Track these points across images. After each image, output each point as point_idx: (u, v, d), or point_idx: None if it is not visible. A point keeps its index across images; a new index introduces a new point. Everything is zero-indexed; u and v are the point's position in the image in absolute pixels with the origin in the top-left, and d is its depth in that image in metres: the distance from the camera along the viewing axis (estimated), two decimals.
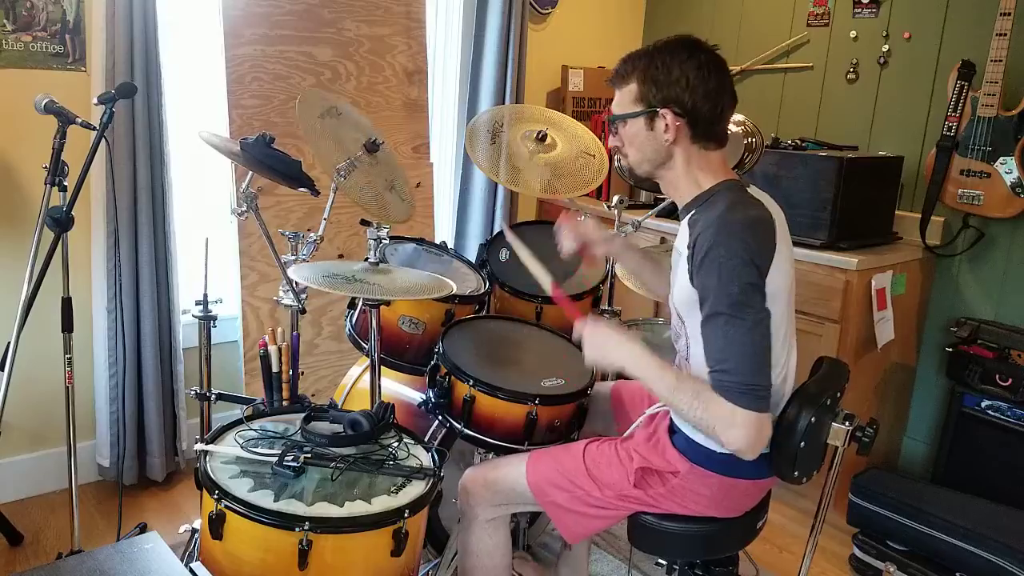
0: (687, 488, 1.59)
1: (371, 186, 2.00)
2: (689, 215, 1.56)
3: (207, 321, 2.00)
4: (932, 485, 2.68)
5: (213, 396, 2.06)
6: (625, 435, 1.73)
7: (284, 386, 1.94)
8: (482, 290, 2.26)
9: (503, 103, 3.39)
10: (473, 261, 2.44)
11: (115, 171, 2.49)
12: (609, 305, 2.44)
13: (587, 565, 2.17)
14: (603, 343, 1.58)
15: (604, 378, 2.13)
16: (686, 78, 1.49)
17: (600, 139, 3.47)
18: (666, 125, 1.52)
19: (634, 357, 1.53)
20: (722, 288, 1.40)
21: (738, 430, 1.39)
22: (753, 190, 1.57)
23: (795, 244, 1.65)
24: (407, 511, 1.46)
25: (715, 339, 1.42)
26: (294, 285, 1.96)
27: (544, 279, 1.80)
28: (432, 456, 1.66)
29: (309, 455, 1.57)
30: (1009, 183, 2.65)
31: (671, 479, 1.60)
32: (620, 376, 1.70)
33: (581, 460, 1.68)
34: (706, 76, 1.49)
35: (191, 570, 1.29)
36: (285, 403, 1.94)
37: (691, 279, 1.47)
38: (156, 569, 1.26)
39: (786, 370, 1.59)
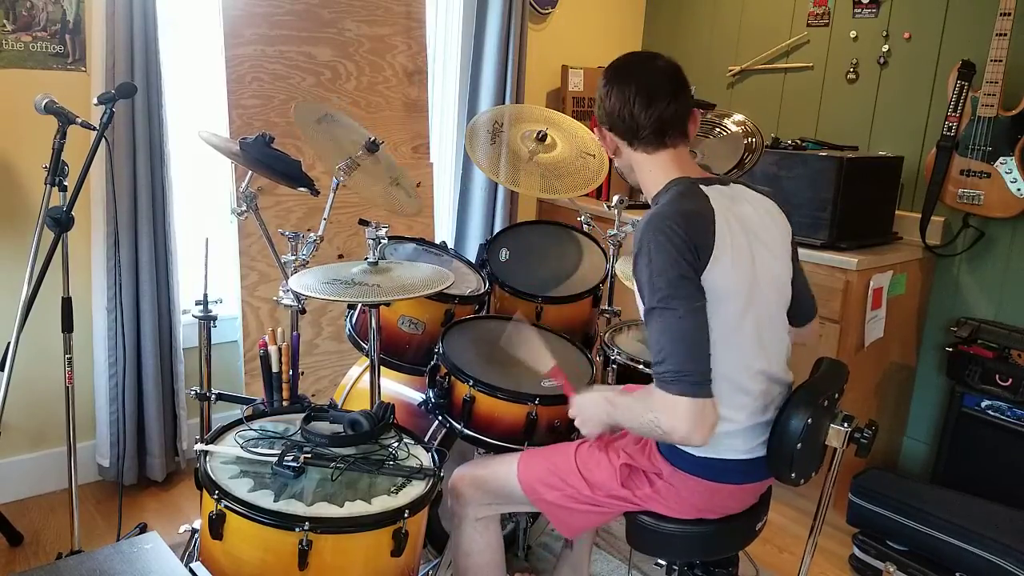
0: (671, 490, 1.59)
1: (378, 182, 2.04)
2: None
3: (207, 321, 2.00)
4: (932, 485, 2.68)
5: (213, 396, 2.06)
6: (616, 434, 1.73)
7: (284, 386, 1.94)
8: (482, 290, 2.26)
9: (503, 103, 3.39)
10: (473, 261, 2.44)
11: (115, 171, 2.49)
12: (609, 305, 2.45)
13: (588, 566, 2.17)
14: (586, 415, 1.65)
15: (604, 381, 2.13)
16: (600, 95, 1.61)
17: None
18: (604, 140, 1.66)
19: (609, 406, 1.59)
20: (652, 284, 1.43)
21: (679, 417, 1.40)
22: (711, 187, 1.53)
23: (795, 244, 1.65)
24: (407, 511, 1.47)
25: (652, 334, 1.44)
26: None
27: (545, 361, 1.82)
28: (432, 456, 1.66)
29: (309, 455, 1.57)
30: (1009, 183, 2.65)
31: (656, 480, 1.61)
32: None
33: (572, 460, 1.68)
34: (607, 91, 1.59)
35: (191, 570, 1.28)
36: (285, 403, 1.94)
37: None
38: (156, 569, 1.26)
39: (762, 363, 1.55)
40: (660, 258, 1.42)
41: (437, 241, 2.57)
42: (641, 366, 2.14)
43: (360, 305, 2.09)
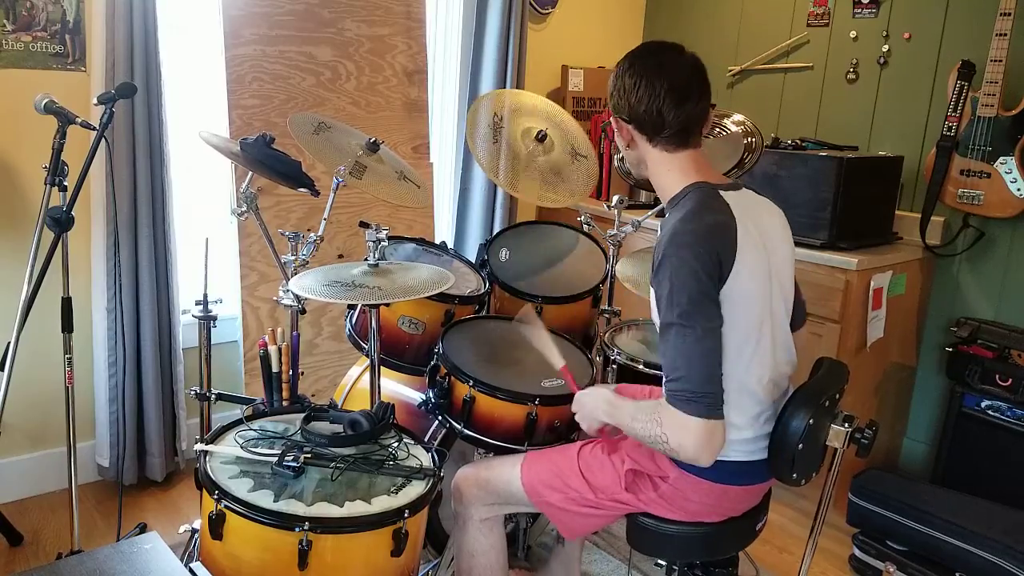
0: (677, 493, 1.59)
1: (386, 179, 2.05)
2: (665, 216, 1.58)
3: (207, 321, 2.00)
4: (932, 485, 2.68)
5: (213, 396, 2.06)
6: (618, 436, 1.72)
7: (284, 386, 1.94)
8: (482, 290, 2.26)
9: None
10: (473, 261, 2.44)
11: (115, 171, 2.49)
12: (609, 305, 2.45)
13: (579, 563, 2.17)
14: (586, 411, 1.64)
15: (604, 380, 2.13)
16: (623, 86, 1.55)
17: (599, 142, 3.47)
18: (620, 130, 1.61)
19: (610, 407, 1.59)
20: (673, 299, 1.41)
21: (690, 437, 1.39)
22: (731, 194, 1.53)
23: (795, 244, 1.65)
24: (407, 511, 1.47)
25: (667, 349, 1.43)
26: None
27: (556, 360, 1.81)
28: (432, 456, 1.66)
29: (309, 455, 1.57)
30: (1009, 183, 2.65)
31: (661, 484, 1.60)
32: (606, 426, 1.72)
33: (575, 462, 1.68)
34: (634, 83, 1.52)
35: (191, 570, 1.29)
36: (285, 403, 1.94)
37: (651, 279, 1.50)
38: (156, 569, 1.26)
39: (772, 372, 1.56)
40: (682, 274, 1.41)
41: (437, 241, 2.57)
42: (641, 366, 2.14)
43: (360, 305, 2.09)
